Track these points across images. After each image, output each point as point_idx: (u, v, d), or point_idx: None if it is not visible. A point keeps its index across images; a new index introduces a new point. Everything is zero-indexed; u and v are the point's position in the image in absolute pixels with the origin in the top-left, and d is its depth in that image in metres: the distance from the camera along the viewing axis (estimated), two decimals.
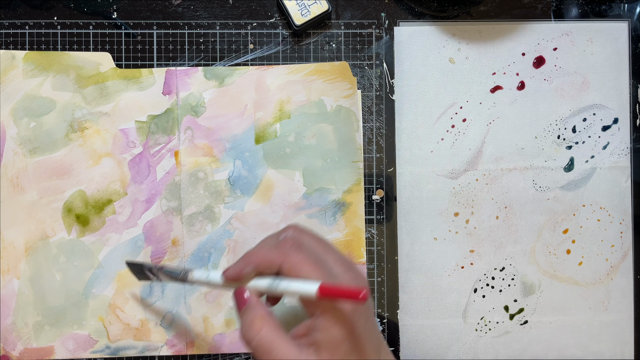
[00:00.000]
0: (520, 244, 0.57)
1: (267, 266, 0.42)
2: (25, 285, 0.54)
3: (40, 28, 0.56)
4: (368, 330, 0.42)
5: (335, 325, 0.40)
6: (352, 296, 0.37)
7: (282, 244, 0.42)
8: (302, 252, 0.41)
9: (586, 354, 0.58)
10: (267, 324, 0.41)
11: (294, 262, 0.41)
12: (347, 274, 0.41)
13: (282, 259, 0.41)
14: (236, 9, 0.57)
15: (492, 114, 0.57)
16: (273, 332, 0.41)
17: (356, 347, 0.41)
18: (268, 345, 0.41)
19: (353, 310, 0.40)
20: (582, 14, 0.58)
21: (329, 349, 0.40)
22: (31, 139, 0.55)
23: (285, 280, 0.41)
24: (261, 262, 0.42)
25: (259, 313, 0.42)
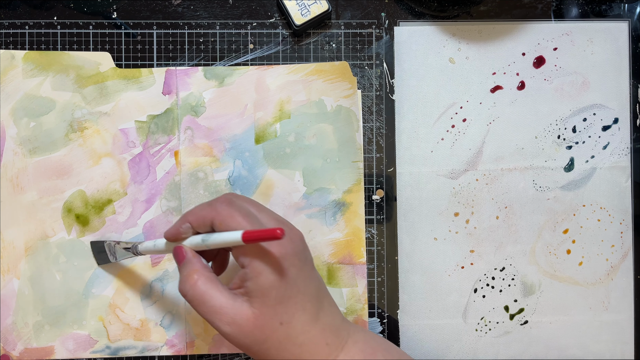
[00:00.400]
0: (521, 244, 0.57)
1: (200, 222, 0.44)
2: (25, 285, 0.54)
3: (40, 28, 0.56)
4: (302, 279, 0.43)
5: (263, 271, 0.41)
6: (270, 234, 0.39)
7: (214, 201, 0.44)
8: (233, 207, 0.43)
9: (586, 354, 0.58)
10: (201, 276, 0.43)
11: (224, 215, 0.42)
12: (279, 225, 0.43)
13: (213, 214, 0.43)
14: (236, 9, 0.57)
15: (492, 114, 0.57)
16: (207, 283, 0.43)
17: (286, 295, 0.42)
18: (201, 296, 0.43)
19: (282, 258, 0.41)
20: (582, 13, 0.58)
21: (260, 296, 0.41)
22: (31, 138, 0.55)
23: (214, 234, 0.43)
24: (194, 219, 0.44)
25: (195, 267, 0.44)
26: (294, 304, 0.42)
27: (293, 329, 0.42)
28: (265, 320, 0.42)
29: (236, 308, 0.42)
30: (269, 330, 0.42)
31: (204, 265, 0.44)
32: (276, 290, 0.41)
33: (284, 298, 0.42)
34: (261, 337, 0.42)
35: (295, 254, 0.42)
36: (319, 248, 0.56)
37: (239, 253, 0.42)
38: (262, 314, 0.42)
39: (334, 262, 0.56)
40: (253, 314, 0.42)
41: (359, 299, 0.56)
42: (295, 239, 0.43)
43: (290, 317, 0.42)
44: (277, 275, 0.41)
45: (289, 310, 0.42)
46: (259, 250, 0.41)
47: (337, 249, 0.56)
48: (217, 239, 0.43)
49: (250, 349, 0.43)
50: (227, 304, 0.42)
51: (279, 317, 0.42)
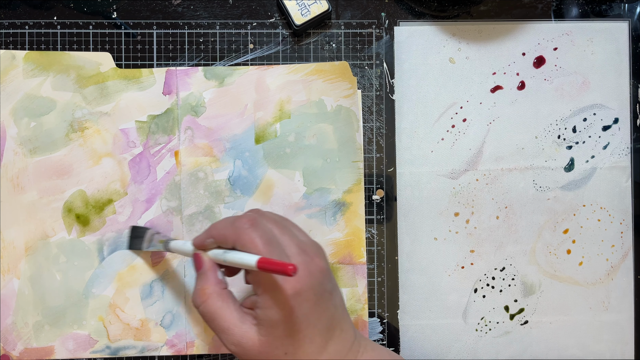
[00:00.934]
0: (521, 244, 0.57)
1: (223, 240, 0.44)
2: (25, 285, 0.54)
3: (40, 28, 0.56)
4: (314, 314, 0.42)
5: (273, 306, 0.41)
6: (282, 269, 0.38)
7: (238, 221, 0.43)
8: (256, 231, 0.42)
9: (586, 354, 0.58)
10: (213, 293, 0.44)
11: (247, 239, 0.42)
12: (300, 256, 0.42)
13: (236, 235, 0.43)
14: (236, 9, 0.57)
15: (493, 114, 0.57)
16: (218, 301, 0.43)
17: (294, 330, 0.42)
18: (211, 314, 0.43)
19: (295, 293, 0.41)
20: (582, 13, 0.58)
21: (267, 327, 0.42)
22: (31, 138, 0.55)
23: (233, 253, 0.43)
24: (218, 236, 0.44)
25: (208, 282, 0.44)
26: (302, 337, 0.42)
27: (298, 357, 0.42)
28: (271, 349, 0.42)
29: (243, 331, 0.42)
30: (272, 357, 0.42)
31: (217, 281, 0.45)
32: (284, 325, 0.41)
33: (292, 332, 0.42)
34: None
35: (312, 287, 0.42)
36: None
37: (253, 279, 0.43)
38: (268, 342, 0.42)
39: (334, 262, 0.56)
40: (259, 341, 0.42)
41: (359, 299, 0.56)
42: (314, 272, 0.42)
43: (296, 348, 0.42)
44: (285, 312, 0.41)
45: (295, 342, 0.42)
46: (272, 283, 0.41)
47: (337, 249, 0.56)
48: (234, 258, 0.43)
49: None
50: (235, 325, 0.42)
51: (285, 348, 0.42)
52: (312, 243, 0.44)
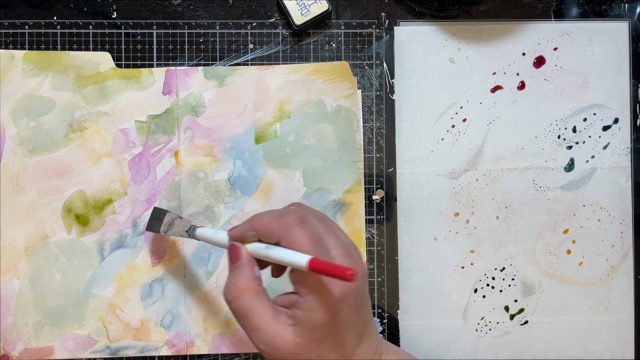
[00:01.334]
0: (521, 244, 0.57)
1: (267, 235, 0.42)
2: (25, 285, 0.54)
3: (39, 28, 0.56)
4: (352, 319, 0.41)
5: (319, 308, 0.40)
6: (340, 273, 0.36)
7: (285, 216, 0.41)
8: (304, 229, 0.40)
9: (587, 354, 0.58)
10: (249, 289, 0.42)
11: (295, 237, 0.40)
12: (345, 258, 0.41)
13: (283, 231, 0.41)
14: (236, 9, 0.57)
15: (493, 114, 0.57)
16: (253, 299, 0.41)
17: (333, 335, 0.41)
18: (245, 311, 0.41)
19: (341, 298, 0.40)
20: (582, 13, 0.58)
21: (306, 329, 0.40)
22: (31, 138, 0.55)
23: (279, 249, 0.41)
24: (262, 230, 0.42)
25: (245, 277, 0.42)
26: (336, 341, 0.41)
27: None
28: (305, 351, 0.41)
29: (277, 331, 0.41)
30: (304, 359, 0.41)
31: (254, 277, 0.42)
32: (325, 329, 0.40)
33: (331, 336, 0.41)
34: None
35: (355, 292, 0.41)
36: None
37: (297, 278, 0.41)
38: (303, 345, 0.41)
39: None
40: (294, 342, 0.41)
41: None
42: (359, 277, 0.41)
43: (330, 352, 0.41)
44: (330, 316, 0.40)
45: (330, 346, 0.41)
46: (320, 285, 0.40)
47: None
48: (280, 255, 0.41)
49: None
50: (269, 325, 0.41)
51: (319, 351, 0.41)
52: (354, 245, 0.43)
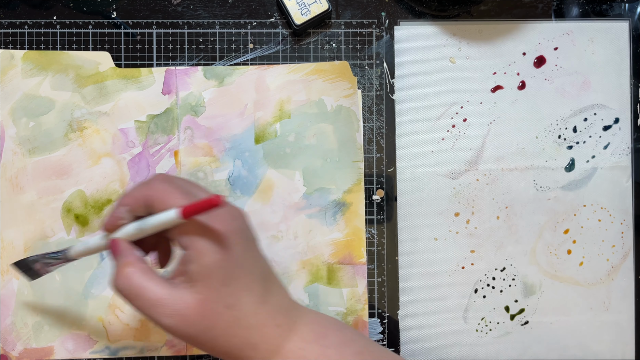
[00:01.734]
0: (521, 244, 0.57)
1: (138, 204, 0.41)
2: (24, 286, 0.54)
3: (39, 27, 0.56)
4: (247, 259, 0.41)
5: (207, 250, 0.39)
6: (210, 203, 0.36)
7: (150, 180, 0.41)
8: (171, 184, 0.40)
9: (587, 355, 0.58)
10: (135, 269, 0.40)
11: (162, 193, 0.40)
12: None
13: (150, 192, 0.40)
14: (236, 9, 0.57)
15: (493, 114, 0.57)
16: (142, 276, 0.40)
17: (232, 274, 0.40)
18: (136, 290, 0.40)
19: (226, 234, 0.39)
20: (582, 13, 0.58)
21: (203, 279, 0.39)
22: (30, 138, 0.55)
23: (151, 218, 0.40)
24: (131, 201, 0.41)
25: (127, 259, 0.41)
26: (240, 285, 0.40)
27: (240, 312, 0.40)
28: (211, 306, 0.39)
29: (177, 297, 0.39)
30: (214, 315, 0.39)
31: (138, 258, 0.41)
32: (221, 270, 0.39)
33: (229, 279, 0.39)
34: (207, 324, 0.39)
35: (239, 230, 0.40)
36: (319, 248, 0.56)
37: (179, 234, 0.40)
38: (207, 298, 0.39)
39: (334, 262, 0.56)
40: (196, 300, 0.39)
41: (359, 299, 0.56)
42: (238, 217, 0.41)
43: (237, 299, 0.40)
44: (221, 254, 0.39)
45: (234, 292, 0.40)
46: (201, 228, 0.39)
47: (337, 249, 0.56)
48: (154, 221, 0.40)
49: (197, 339, 0.40)
50: (167, 294, 0.39)
51: (225, 300, 0.39)
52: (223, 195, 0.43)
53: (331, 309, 0.56)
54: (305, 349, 0.41)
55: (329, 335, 0.43)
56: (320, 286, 0.56)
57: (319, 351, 0.42)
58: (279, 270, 0.56)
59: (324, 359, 0.41)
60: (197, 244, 0.39)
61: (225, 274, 0.39)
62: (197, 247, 0.39)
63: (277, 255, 0.56)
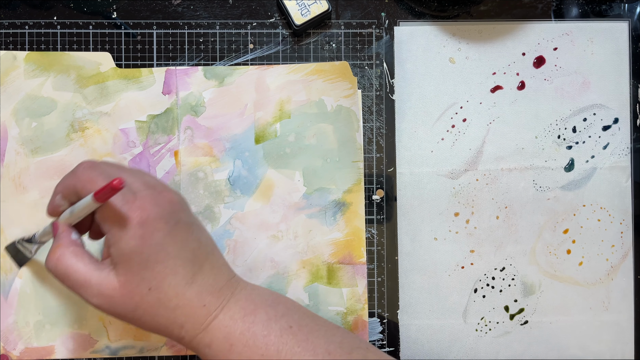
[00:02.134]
0: (521, 244, 0.57)
1: (67, 191, 0.43)
2: (26, 285, 0.55)
3: (40, 28, 0.56)
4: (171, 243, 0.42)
5: (122, 237, 0.41)
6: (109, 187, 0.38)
7: (77, 167, 0.43)
8: (95, 170, 0.42)
9: (587, 354, 0.58)
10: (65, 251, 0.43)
11: (84, 180, 0.42)
12: (146, 190, 0.42)
13: (74, 180, 0.43)
14: (236, 9, 0.57)
15: (493, 114, 0.57)
16: (72, 258, 0.42)
17: (151, 262, 0.41)
18: (65, 270, 0.42)
19: (142, 222, 0.41)
20: (582, 13, 0.58)
21: (123, 263, 0.41)
22: (33, 139, 0.55)
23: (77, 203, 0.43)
24: (62, 189, 0.44)
25: (60, 242, 0.43)
26: (162, 269, 0.41)
27: (164, 294, 0.42)
28: (132, 287, 0.41)
29: (101, 279, 0.41)
30: (137, 297, 0.41)
31: (70, 241, 0.43)
32: (139, 255, 0.41)
33: (150, 263, 0.41)
34: (131, 304, 0.42)
35: (161, 217, 0.41)
36: (319, 248, 0.56)
37: (100, 217, 0.42)
38: (128, 281, 0.41)
39: (334, 262, 0.56)
40: (119, 282, 0.41)
41: (359, 299, 0.56)
42: (162, 203, 0.42)
43: (160, 282, 0.41)
44: (137, 240, 0.41)
45: (157, 275, 0.41)
46: (117, 215, 0.41)
47: (337, 248, 0.56)
48: (78, 205, 0.42)
49: (124, 317, 0.42)
50: (92, 275, 0.42)
51: (147, 282, 0.41)
52: (161, 182, 0.45)
53: (331, 309, 0.56)
54: (230, 326, 0.43)
55: (258, 312, 0.44)
56: (320, 286, 0.56)
57: (244, 327, 0.43)
58: (278, 270, 0.56)
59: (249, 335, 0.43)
60: (114, 231, 0.41)
61: (144, 259, 0.41)
62: (114, 233, 0.41)
63: (277, 255, 0.56)
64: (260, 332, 0.43)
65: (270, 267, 0.56)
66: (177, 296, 0.42)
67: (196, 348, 0.43)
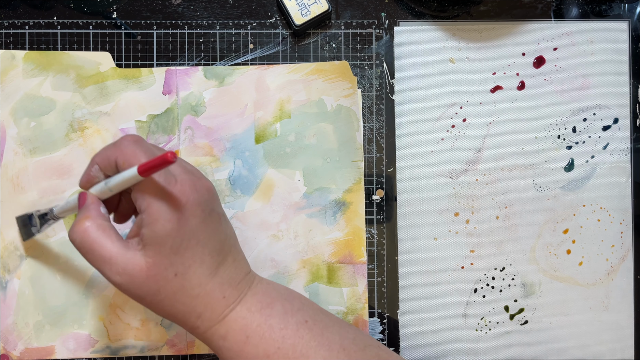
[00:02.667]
0: (521, 244, 0.57)
1: (106, 163, 0.42)
2: (25, 285, 0.54)
3: (40, 28, 0.56)
4: (203, 231, 0.41)
5: (160, 219, 0.40)
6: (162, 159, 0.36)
7: (120, 140, 0.42)
8: (138, 146, 0.41)
9: (586, 354, 0.58)
10: (93, 223, 0.41)
11: (128, 154, 0.40)
12: (185, 174, 0.41)
13: (117, 152, 0.41)
14: (236, 9, 0.57)
15: (492, 114, 0.57)
16: (98, 231, 0.41)
17: (182, 248, 0.40)
18: (90, 244, 0.41)
19: (181, 207, 0.40)
20: (582, 13, 0.58)
21: (154, 245, 0.40)
22: (31, 138, 0.55)
23: (116, 175, 0.41)
24: (100, 160, 0.42)
25: (88, 213, 0.42)
26: (191, 256, 0.41)
27: (188, 281, 0.41)
28: (159, 271, 0.40)
29: (128, 257, 0.40)
30: (162, 281, 0.41)
31: (99, 213, 0.42)
32: (172, 239, 0.40)
33: (181, 248, 0.40)
34: (154, 288, 0.41)
35: (199, 204, 0.41)
36: (319, 247, 0.56)
37: (138, 194, 0.40)
38: (156, 264, 0.40)
39: (334, 262, 0.56)
40: (146, 264, 0.40)
41: (359, 299, 0.56)
42: (200, 189, 0.41)
43: (186, 268, 0.41)
44: (174, 224, 0.40)
45: (185, 261, 0.41)
46: (157, 195, 0.40)
47: (338, 248, 0.56)
48: (118, 179, 0.41)
49: (143, 299, 0.41)
50: (119, 253, 0.40)
51: (174, 268, 0.41)
52: (197, 169, 0.44)
53: (331, 308, 0.56)
54: (247, 318, 0.43)
55: (275, 305, 0.44)
56: (320, 285, 0.56)
57: (261, 320, 0.43)
58: (279, 269, 0.56)
59: (266, 327, 0.43)
60: (152, 209, 0.40)
61: (176, 244, 0.40)
62: (151, 212, 0.40)
63: (277, 254, 0.56)
64: (277, 324, 0.43)
65: (271, 266, 0.56)
66: (200, 285, 0.42)
67: (209, 339, 0.43)
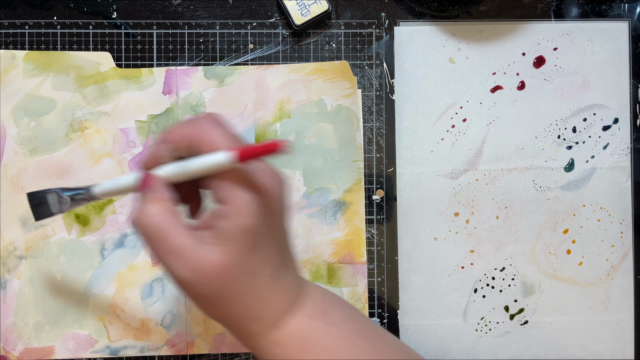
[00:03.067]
0: (521, 244, 0.57)
1: (183, 142, 0.36)
2: (25, 285, 0.54)
3: (40, 28, 0.56)
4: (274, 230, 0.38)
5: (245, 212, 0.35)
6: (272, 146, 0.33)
7: (199, 119, 0.37)
8: (221, 128, 0.36)
9: (586, 354, 0.58)
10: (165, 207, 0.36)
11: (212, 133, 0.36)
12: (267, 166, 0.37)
13: (199, 132, 0.36)
14: (236, 9, 0.57)
15: (493, 114, 0.57)
16: (170, 217, 0.36)
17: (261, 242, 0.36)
18: (160, 231, 0.36)
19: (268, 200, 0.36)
20: (582, 13, 0.58)
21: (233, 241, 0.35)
22: (31, 138, 0.55)
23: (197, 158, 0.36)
24: (177, 138, 0.37)
25: (158, 196, 0.36)
26: (264, 255, 0.37)
27: (257, 282, 0.37)
28: (233, 271, 0.36)
29: (200, 252, 0.35)
30: (232, 281, 0.36)
31: (169, 197, 0.37)
32: (254, 235, 0.36)
33: (258, 247, 0.36)
34: (222, 288, 0.36)
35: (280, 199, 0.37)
36: (319, 247, 0.56)
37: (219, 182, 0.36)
38: (232, 262, 0.36)
39: (335, 262, 0.56)
40: (220, 261, 0.35)
41: (359, 299, 0.56)
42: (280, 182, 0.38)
43: (257, 268, 0.37)
44: (259, 217, 0.35)
45: (258, 261, 0.37)
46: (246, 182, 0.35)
47: (338, 248, 0.56)
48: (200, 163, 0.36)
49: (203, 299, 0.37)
50: (191, 246, 0.35)
51: (248, 267, 0.36)
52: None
53: None
54: (310, 325, 0.39)
55: (331, 312, 0.41)
56: (320, 285, 0.56)
57: (323, 327, 0.39)
58: None
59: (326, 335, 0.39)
60: (237, 200, 0.35)
61: (256, 241, 0.36)
62: (237, 203, 0.35)
63: None
64: (336, 332, 0.39)
65: None
66: (266, 288, 0.38)
67: (259, 345, 0.39)
